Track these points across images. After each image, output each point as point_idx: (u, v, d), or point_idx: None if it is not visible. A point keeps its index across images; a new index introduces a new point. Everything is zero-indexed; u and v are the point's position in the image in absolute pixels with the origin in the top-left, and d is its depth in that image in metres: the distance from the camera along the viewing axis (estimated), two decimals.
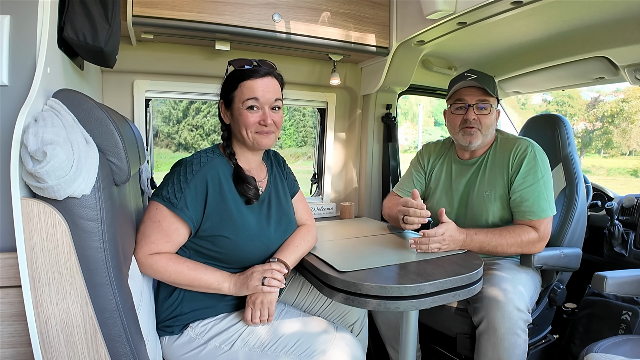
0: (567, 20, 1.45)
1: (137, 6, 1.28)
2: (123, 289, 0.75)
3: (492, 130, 1.46)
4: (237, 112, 1.09)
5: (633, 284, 1.25)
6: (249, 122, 1.08)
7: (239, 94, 1.08)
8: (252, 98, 1.07)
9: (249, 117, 1.07)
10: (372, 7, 1.68)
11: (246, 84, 1.07)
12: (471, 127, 1.42)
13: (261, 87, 1.07)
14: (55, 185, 0.63)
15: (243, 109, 1.08)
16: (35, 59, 0.72)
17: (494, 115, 1.45)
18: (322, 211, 2.08)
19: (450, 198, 1.53)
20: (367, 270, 1.08)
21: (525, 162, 1.36)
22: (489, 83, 1.43)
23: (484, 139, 1.44)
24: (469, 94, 1.43)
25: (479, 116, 1.42)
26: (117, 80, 1.59)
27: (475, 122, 1.42)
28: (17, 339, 0.68)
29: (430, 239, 1.22)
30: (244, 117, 1.08)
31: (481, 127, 1.42)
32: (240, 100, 1.08)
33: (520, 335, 1.20)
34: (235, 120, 1.10)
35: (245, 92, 1.07)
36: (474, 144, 1.44)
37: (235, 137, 1.14)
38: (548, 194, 1.36)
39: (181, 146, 9.94)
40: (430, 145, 1.69)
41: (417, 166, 1.66)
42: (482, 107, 1.42)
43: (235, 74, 1.10)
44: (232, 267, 1.11)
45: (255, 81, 1.07)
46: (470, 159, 1.51)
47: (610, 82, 1.83)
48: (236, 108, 1.09)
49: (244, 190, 1.09)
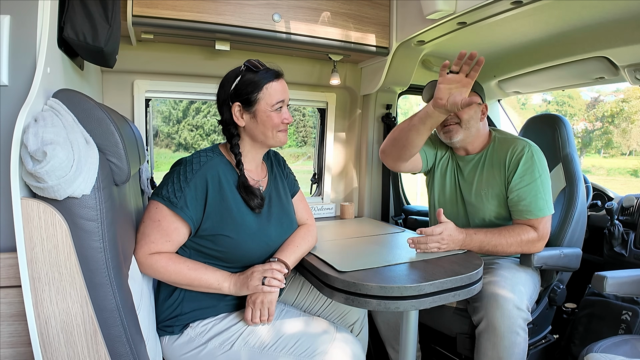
0: (567, 20, 1.45)
1: (137, 6, 1.28)
2: (123, 289, 0.75)
3: (475, 123, 1.45)
4: (264, 114, 1.10)
5: (633, 284, 1.25)
6: (276, 123, 1.11)
7: (265, 96, 1.09)
8: (281, 100, 1.11)
9: (276, 118, 1.11)
10: (372, 7, 1.68)
11: (272, 85, 1.10)
12: (448, 124, 1.44)
13: (283, 89, 1.13)
14: (55, 185, 0.63)
15: (271, 110, 1.10)
16: (35, 59, 0.72)
17: (473, 110, 1.44)
18: (322, 211, 2.08)
19: (450, 195, 1.54)
20: (367, 270, 1.08)
21: (522, 161, 1.36)
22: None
23: (466, 132, 1.44)
24: None
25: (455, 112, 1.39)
26: (117, 80, 1.59)
27: (452, 117, 1.43)
28: (17, 339, 0.68)
29: (429, 237, 1.23)
30: (272, 118, 1.10)
31: (460, 121, 1.43)
32: (268, 102, 1.10)
33: (520, 333, 1.20)
34: (260, 122, 1.11)
35: (273, 94, 1.10)
36: (455, 139, 1.45)
37: (252, 138, 1.14)
38: (546, 193, 1.36)
39: (181, 146, 9.95)
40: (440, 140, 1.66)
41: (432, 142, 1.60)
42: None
43: (255, 76, 1.10)
44: (233, 266, 1.11)
45: (278, 83, 1.12)
46: (467, 155, 1.52)
47: (610, 82, 1.83)
48: (262, 110, 1.10)
49: (249, 199, 1.10)
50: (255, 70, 1.10)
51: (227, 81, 1.12)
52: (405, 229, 1.68)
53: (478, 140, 1.50)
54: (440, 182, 1.59)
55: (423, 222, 2.11)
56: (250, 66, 1.10)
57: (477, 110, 1.46)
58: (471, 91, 1.36)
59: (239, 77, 1.10)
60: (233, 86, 1.10)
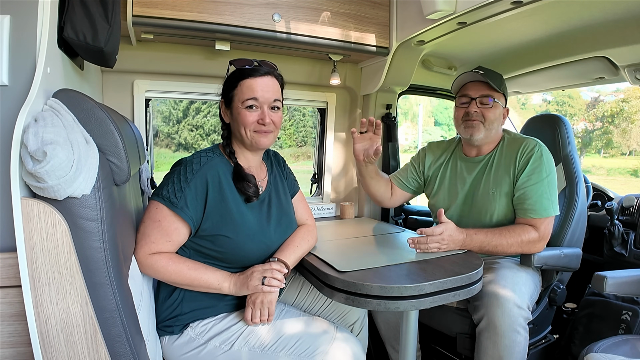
0: (567, 20, 1.45)
1: (137, 6, 1.28)
2: (123, 288, 0.75)
3: (497, 125, 1.46)
4: (237, 111, 1.09)
5: (633, 284, 1.25)
6: (247, 121, 1.08)
7: (238, 93, 1.09)
8: (252, 98, 1.07)
9: (248, 116, 1.08)
10: (372, 7, 1.68)
11: (246, 83, 1.08)
12: (472, 119, 1.43)
13: (260, 87, 1.08)
14: (55, 185, 0.63)
15: (242, 108, 1.08)
16: (35, 59, 0.72)
17: (499, 111, 1.45)
18: (322, 211, 2.08)
19: (454, 195, 1.53)
20: (367, 270, 1.08)
21: (532, 160, 1.36)
22: (495, 79, 1.44)
23: (487, 132, 1.44)
24: (473, 88, 1.45)
25: (482, 109, 1.43)
26: (117, 80, 1.59)
27: (478, 114, 1.43)
28: (17, 339, 0.68)
29: (429, 238, 1.23)
30: (242, 116, 1.08)
31: (484, 120, 1.43)
32: (239, 99, 1.08)
33: (521, 332, 1.20)
34: (235, 119, 1.11)
35: (244, 91, 1.08)
36: (475, 137, 1.44)
37: (235, 136, 1.15)
38: (552, 193, 1.36)
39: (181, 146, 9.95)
40: (434, 144, 1.69)
41: (418, 163, 1.67)
42: (485, 102, 1.43)
43: (235, 73, 1.11)
44: (232, 266, 1.11)
45: (254, 80, 1.08)
46: (477, 156, 1.51)
47: (610, 82, 1.83)
48: (235, 107, 1.10)
49: (243, 188, 1.09)
50: (238, 68, 1.11)
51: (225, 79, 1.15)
52: (405, 229, 1.68)
53: (492, 143, 1.50)
54: (443, 186, 1.58)
55: (423, 222, 2.11)
56: (233, 63, 1.11)
57: (501, 113, 1.46)
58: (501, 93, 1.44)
59: (227, 75, 1.13)
60: (223, 84, 1.14)
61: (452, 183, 1.55)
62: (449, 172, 1.57)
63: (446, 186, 1.57)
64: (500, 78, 1.48)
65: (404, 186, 1.66)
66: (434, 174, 1.62)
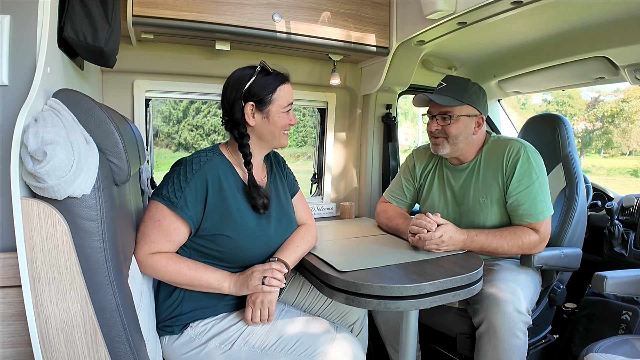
0: (567, 20, 1.45)
1: (137, 6, 1.28)
2: (123, 288, 0.75)
3: (464, 138, 1.40)
4: (276, 115, 1.12)
5: (633, 284, 1.25)
6: (285, 124, 1.14)
7: (279, 97, 1.12)
8: (291, 103, 1.15)
9: (285, 119, 1.14)
10: (372, 7, 1.68)
11: (285, 88, 1.13)
12: (436, 137, 1.43)
13: (291, 92, 1.16)
14: (55, 185, 0.63)
15: (283, 112, 1.13)
16: (35, 59, 0.72)
17: (462, 124, 1.38)
18: (322, 211, 2.08)
19: (444, 203, 1.51)
20: (367, 270, 1.08)
21: (519, 164, 1.33)
22: (456, 91, 1.38)
23: (452, 147, 1.41)
24: (434, 104, 1.42)
25: (444, 126, 1.40)
26: (117, 80, 1.59)
27: (440, 132, 1.41)
28: (17, 339, 0.69)
29: (427, 242, 1.23)
30: (282, 119, 1.13)
31: (447, 136, 1.40)
32: (281, 104, 1.12)
33: (520, 337, 1.20)
34: (271, 122, 1.12)
35: (285, 95, 1.13)
36: (441, 152, 1.44)
37: (260, 138, 1.15)
38: (544, 194, 1.34)
39: (181, 146, 9.94)
40: (421, 150, 1.65)
41: (407, 174, 1.64)
42: (445, 118, 1.39)
43: (268, 78, 1.11)
44: (232, 266, 1.11)
45: (288, 86, 1.15)
46: (460, 164, 1.48)
47: (610, 82, 1.83)
48: (274, 110, 1.12)
49: (254, 200, 1.10)
50: (269, 72, 1.12)
51: (239, 80, 1.11)
52: None
53: (471, 150, 1.45)
54: (432, 194, 1.55)
55: None
56: (267, 67, 1.12)
57: (469, 124, 1.39)
58: (465, 104, 1.38)
59: (253, 78, 1.10)
60: (247, 86, 1.09)
61: (441, 191, 1.53)
62: (437, 180, 1.55)
63: (435, 194, 1.54)
64: (464, 87, 1.40)
65: (403, 202, 1.64)
66: (423, 181, 1.60)
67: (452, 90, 1.39)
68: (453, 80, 1.43)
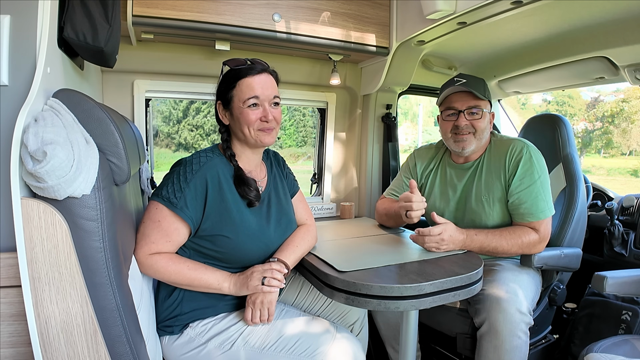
0: (567, 20, 1.45)
1: (137, 6, 1.28)
2: (123, 288, 0.75)
3: (487, 133, 1.44)
4: (238, 111, 1.09)
5: (633, 284, 1.25)
6: (251, 120, 1.08)
7: (238, 92, 1.08)
8: (253, 96, 1.07)
9: (251, 115, 1.08)
10: (372, 7, 1.68)
11: (245, 82, 1.08)
12: (463, 133, 1.41)
13: (259, 84, 1.08)
14: (55, 185, 0.63)
15: (244, 107, 1.07)
16: (35, 59, 0.72)
17: (487, 119, 1.42)
18: (322, 211, 2.08)
19: (446, 202, 1.52)
20: (367, 270, 1.08)
21: (522, 163, 1.34)
22: (478, 86, 1.40)
23: (478, 143, 1.42)
24: (459, 99, 1.41)
25: (472, 121, 1.40)
26: (117, 80, 1.59)
27: (468, 127, 1.40)
28: (17, 339, 0.68)
29: (427, 237, 1.23)
30: (245, 115, 1.08)
31: (475, 131, 1.40)
32: (240, 99, 1.08)
33: (522, 337, 1.20)
34: (236, 120, 1.10)
35: (244, 90, 1.07)
36: (467, 150, 1.42)
37: (237, 137, 1.14)
38: (546, 194, 1.35)
39: (181, 146, 9.93)
40: (422, 150, 1.66)
41: (408, 173, 1.65)
42: (474, 113, 1.40)
43: (231, 73, 1.10)
44: (232, 266, 1.11)
45: (253, 78, 1.08)
46: (465, 162, 1.49)
47: (610, 82, 1.83)
48: (236, 107, 1.09)
49: (245, 193, 1.09)
50: (233, 67, 1.10)
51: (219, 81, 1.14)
52: (405, 228, 1.68)
53: (481, 148, 1.48)
54: (434, 193, 1.56)
55: (423, 222, 2.11)
56: (227, 64, 1.11)
57: (489, 120, 1.44)
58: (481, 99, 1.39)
59: (221, 76, 1.12)
60: (217, 85, 1.13)
61: (443, 190, 1.53)
62: (439, 179, 1.56)
63: (437, 193, 1.55)
64: (482, 83, 1.44)
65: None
66: (425, 180, 1.61)
67: (474, 86, 1.40)
68: (469, 77, 1.44)
